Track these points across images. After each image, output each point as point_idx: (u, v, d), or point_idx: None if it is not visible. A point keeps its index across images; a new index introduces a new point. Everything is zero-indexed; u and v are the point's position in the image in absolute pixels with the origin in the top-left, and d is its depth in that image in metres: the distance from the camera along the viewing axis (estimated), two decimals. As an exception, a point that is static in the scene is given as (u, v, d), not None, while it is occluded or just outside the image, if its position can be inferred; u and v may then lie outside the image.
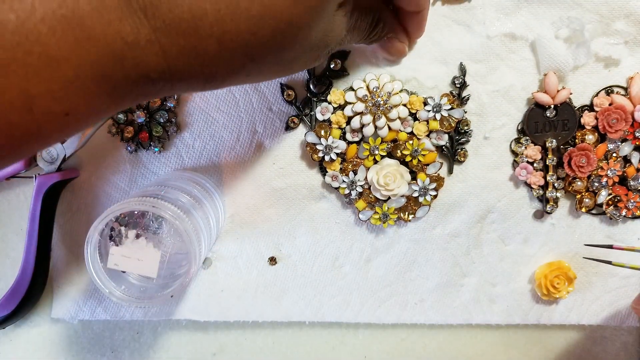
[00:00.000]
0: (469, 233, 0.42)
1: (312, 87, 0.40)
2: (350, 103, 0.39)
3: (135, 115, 0.40)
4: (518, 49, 0.39)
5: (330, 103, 0.39)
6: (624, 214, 0.41)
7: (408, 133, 0.39)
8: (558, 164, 0.40)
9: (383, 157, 0.40)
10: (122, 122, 0.41)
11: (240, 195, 0.42)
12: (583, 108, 0.40)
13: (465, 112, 0.40)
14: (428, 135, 0.40)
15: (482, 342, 0.44)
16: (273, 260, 0.43)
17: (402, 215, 0.41)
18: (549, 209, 0.41)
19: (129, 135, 0.41)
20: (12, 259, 0.43)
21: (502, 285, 0.43)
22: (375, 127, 0.39)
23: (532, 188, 0.41)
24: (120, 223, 0.35)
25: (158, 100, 0.40)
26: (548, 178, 0.40)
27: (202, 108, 0.41)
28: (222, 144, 0.41)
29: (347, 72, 0.39)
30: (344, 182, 0.40)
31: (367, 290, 0.43)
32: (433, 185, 0.40)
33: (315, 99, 0.40)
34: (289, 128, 0.41)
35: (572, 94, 0.39)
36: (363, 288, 0.43)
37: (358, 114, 0.39)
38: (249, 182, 0.42)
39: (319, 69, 0.40)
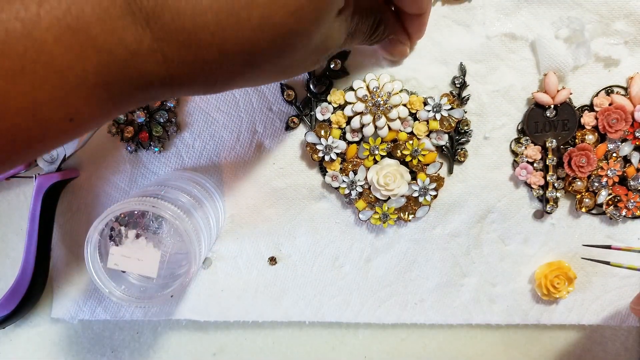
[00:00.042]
0: (469, 233, 0.42)
1: (312, 87, 0.40)
2: (350, 103, 0.39)
3: (135, 115, 0.40)
4: (518, 49, 0.39)
5: (330, 103, 0.39)
6: (624, 214, 0.41)
7: (408, 133, 0.39)
8: (558, 164, 0.40)
9: (383, 157, 0.40)
10: (122, 122, 0.41)
11: (240, 195, 0.42)
12: (583, 108, 0.40)
13: (465, 112, 0.40)
14: (428, 135, 0.40)
15: (482, 342, 0.44)
16: (273, 260, 0.43)
17: (402, 215, 0.41)
18: (549, 209, 0.41)
19: (129, 135, 0.41)
20: (12, 259, 0.43)
21: (502, 285, 0.43)
22: (375, 127, 0.39)
23: (532, 188, 0.41)
24: (120, 223, 0.35)
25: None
26: (548, 178, 0.40)
27: (202, 108, 0.41)
28: (222, 144, 0.41)
29: (347, 72, 0.39)
30: (344, 182, 0.40)
31: (367, 290, 0.43)
32: (433, 185, 0.40)
33: (315, 99, 0.40)
34: (289, 128, 0.41)
35: (572, 94, 0.39)
36: (363, 288, 0.43)
37: (358, 114, 0.39)
38: (249, 182, 0.42)
39: (319, 69, 0.39)
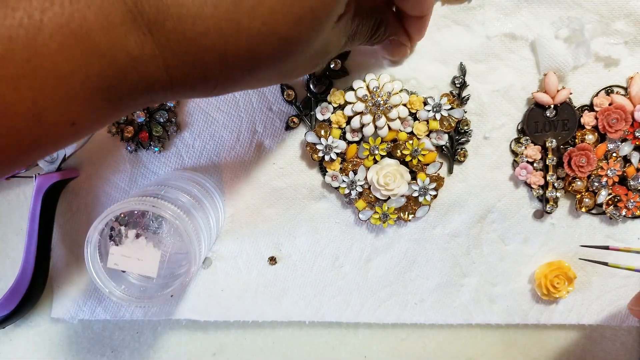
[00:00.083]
0: (469, 233, 0.42)
1: (312, 87, 0.40)
2: (350, 103, 0.39)
3: (135, 115, 0.40)
4: (518, 49, 0.39)
5: (330, 103, 0.39)
6: (624, 214, 0.41)
7: (408, 133, 0.39)
8: (558, 164, 0.40)
9: (383, 157, 0.40)
10: (122, 122, 0.41)
11: (240, 195, 0.42)
12: (583, 108, 0.40)
13: (465, 112, 0.40)
14: (428, 135, 0.40)
15: (482, 342, 0.44)
16: (273, 260, 0.43)
17: (402, 215, 0.41)
18: (549, 209, 0.41)
19: (129, 135, 0.41)
20: (12, 259, 0.43)
21: (502, 285, 0.43)
22: (375, 127, 0.39)
23: (532, 188, 0.41)
24: (120, 223, 0.35)
25: (158, 100, 0.40)
26: (548, 178, 0.40)
27: (202, 108, 0.41)
28: (222, 144, 0.41)
29: (347, 72, 0.39)
30: (344, 182, 0.40)
31: (367, 290, 0.43)
32: (433, 185, 0.40)
33: (315, 99, 0.40)
34: (289, 128, 0.41)
35: (572, 94, 0.39)
36: (363, 288, 0.43)
37: (358, 114, 0.39)
38: (249, 182, 0.42)
39: (319, 70, 0.40)
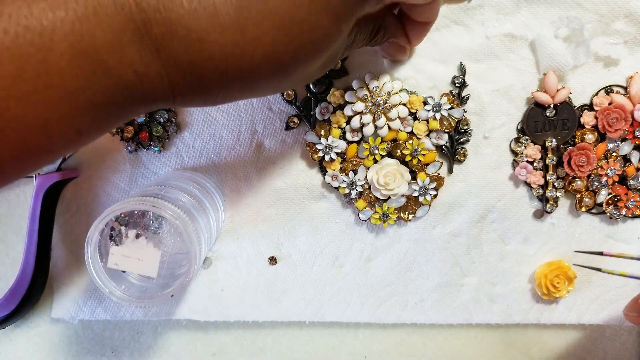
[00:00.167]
0: (469, 233, 0.42)
1: (312, 87, 0.40)
2: (350, 103, 0.39)
3: (135, 115, 0.40)
4: (517, 49, 0.39)
5: (330, 103, 0.39)
6: (624, 214, 0.41)
7: (408, 132, 0.39)
8: (558, 164, 0.40)
9: (383, 156, 0.40)
10: (122, 122, 0.41)
11: (240, 195, 0.42)
12: (583, 107, 0.40)
13: (465, 111, 0.40)
14: (428, 135, 0.40)
15: (482, 342, 0.44)
16: (273, 260, 0.43)
17: (402, 215, 0.41)
18: (549, 209, 0.41)
19: (129, 135, 0.41)
20: (12, 259, 0.43)
21: (502, 285, 0.43)
22: (375, 126, 0.39)
23: (532, 187, 0.41)
24: (121, 223, 0.35)
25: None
26: (548, 177, 0.40)
27: (202, 108, 0.41)
28: (222, 144, 0.41)
29: (347, 71, 0.39)
30: (344, 181, 0.40)
31: (367, 290, 0.43)
32: (433, 185, 0.40)
33: (315, 99, 0.40)
34: (289, 128, 0.41)
35: (571, 94, 0.39)
36: (363, 288, 0.43)
37: (358, 114, 0.39)
38: (249, 181, 0.42)
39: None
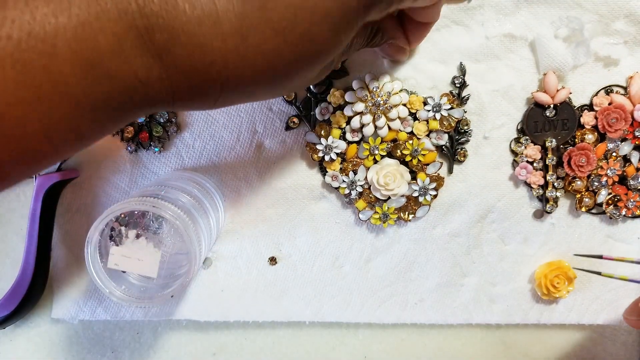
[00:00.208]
0: (469, 233, 0.42)
1: (312, 87, 0.40)
2: (350, 103, 0.39)
3: (135, 115, 0.40)
4: (517, 49, 0.39)
5: (330, 103, 0.39)
6: (624, 214, 0.41)
7: (408, 133, 0.39)
8: (558, 164, 0.40)
9: (383, 156, 0.40)
10: (122, 122, 0.41)
11: (240, 195, 0.42)
12: (583, 107, 0.40)
13: (465, 111, 0.40)
14: (428, 135, 0.40)
15: (482, 342, 0.44)
16: (273, 260, 0.43)
17: (402, 215, 0.41)
18: (549, 209, 0.41)
19: (129, 135, 0.41)
20: (12, 259, 0.43)
21: (502, 285, 0.43)
22: (375, 126, 0.39)
23: (532, 188, 0.41)
24: (121, 223, 0.35)
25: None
26: (548, 177, 0.40)
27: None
28: (222, 144, 0.41)
29: (347, 71, 0.39)
30: (344, 182, 0.40)
31: (367, 290, 0.43)
32: (433, 185, 0.40)
33: (315, 99, 0.40)
34: (289, 128, 0.41)
35: (571, 94, 0.39)
36: (363, 288, 0.43)
37: (358, 114, 0.39)
38: (249, 182, 0.42)
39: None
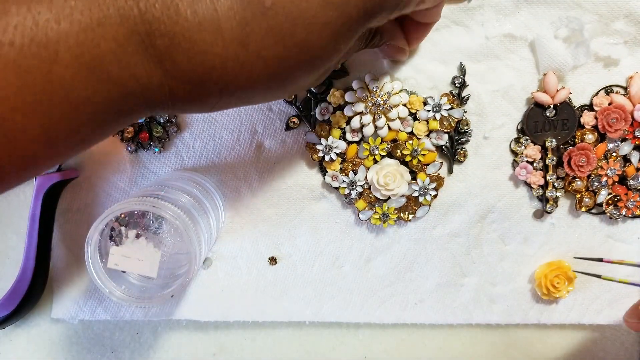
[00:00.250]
0: (469, 233, 0.42)
1: (312, 87, 0.40)
2: (350, 103, 0.39)
3: (136, 115, 0.40)
4: (517, 49, 0.39)
5: (330, 103, 0.39)
6: (624, 214, 0.41)
7: (408, 133, 0.39)
8: (558, 164, 0.40)
9: (383, 157, 0.40)
10: (122, 122, 0.41)
11: (240, 195, 0.42)
12: (583, 107, 0.40)
13: (465, 111, 0.40)
14: (428, 135, 0.40)
15: (482, 342, 0.44)
16: (273, 260, 0.43)
17: (402, 215, 0.41)
18: (549, 209, 0.41)
19: (129, 135, 0.41)
20: (12, 259, 0.43)
21: (502, 285, 0.43)
22: (375, 127, 0.39)
23: (532, 188, 0.41)
24: (121, 223, 0.35)
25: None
26: (548, 178, 0.40)
27: (202, 108, 0.41)
28: (222, 144, 0.41)
29: (347, 71, 0.39)
30: (344, 182, 0.40)
31: (367, 290, 0.43)
32: (433, 185, 0.40)
33: (315, 99, 0.40)
34: (289, 128, 0.41)
35: (571, 94, 0.39)
36: (363, 288, 0.43)
37: (358, 114, 0.39)
38: (249, 182, 0.42)
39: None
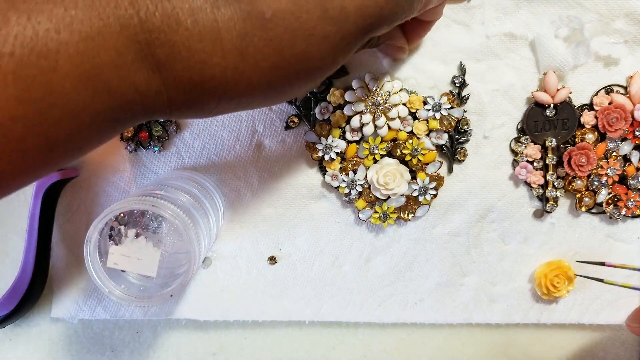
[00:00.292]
0: (469, 232, 0.42)
1: (311, 86, 0.40)
2: (350, 102, 0.39)
3: (135, 115, 0.40)
4: (518, 48, 0.39)
5: (330, 102, 0.39)
6: (624, 213, 0.41)
7: (408, 132, 0.39)
8: (558, 163, 0.40)
9: (383, 156, 0.40)
10: (122, 121, 0.41)
11: (240, 195, 0.42)
12: (583, 107, 0.40)
13: (465, 111, 0.40)
14: (428, 135, 0.40)
15: (482, 341, 0.44)
16: (273, 260, 0.43)
17: (401, 215, 0.41)
18: (549, 208, 0.41)
19: (129, 135, 0.41)
20: (12, 259, 0.43)
21: (502, 285, 0.43)
22: (375, 126, 0.39)
23: (532, 187, 0.41)
24: (120, 222, 0.35)
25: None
26: (548, 177, 0.40)
27: (201, 107, 0.41)
28: (221, 143, 0.41)
29: (346, 71, 0.39)
30: (344, 181, 0.40)
31: (366, 290, 0.43)
32: (433, 185, 0.40)
33: (315, 99, 0.40)
34: (289, 128, 0.41)
35: (571, 93, 0.39)
36: (363, 287, 0.43)
37: (358, 113, 0.39)
38: (249, 181, 0.42)
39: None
